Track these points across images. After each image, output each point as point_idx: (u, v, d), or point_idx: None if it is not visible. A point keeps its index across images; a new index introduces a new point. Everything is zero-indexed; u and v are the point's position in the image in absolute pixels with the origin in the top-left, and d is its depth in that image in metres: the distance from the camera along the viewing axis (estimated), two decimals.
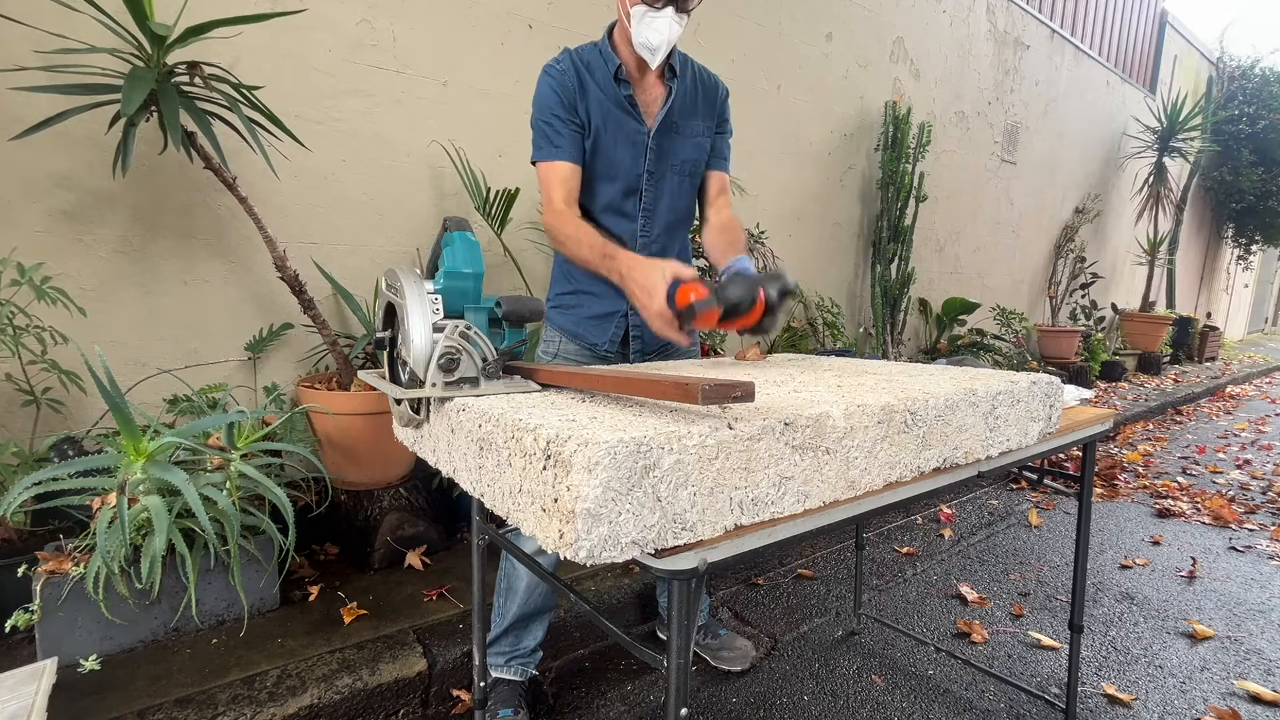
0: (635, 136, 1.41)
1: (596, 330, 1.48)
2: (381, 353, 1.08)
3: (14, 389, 1.71)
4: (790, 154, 3.75)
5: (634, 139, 1.41)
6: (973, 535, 2.78)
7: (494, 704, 1.50)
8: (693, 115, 1.46)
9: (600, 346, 1.48)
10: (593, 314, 1.48)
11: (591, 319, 1.48)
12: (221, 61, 1.87)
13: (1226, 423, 5.28)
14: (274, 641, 1.61)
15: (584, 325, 1.48)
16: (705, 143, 1.49)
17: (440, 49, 2.37)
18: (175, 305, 1.98)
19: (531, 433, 0.69)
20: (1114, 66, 6.72)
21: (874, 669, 1.79)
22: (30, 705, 1.11)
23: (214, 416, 1.66)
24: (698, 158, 1.49)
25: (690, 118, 1.46)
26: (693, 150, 1.47)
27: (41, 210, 1.76)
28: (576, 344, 1.50)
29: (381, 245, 2.33)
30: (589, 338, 1.48)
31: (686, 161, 1.47)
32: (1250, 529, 2.89)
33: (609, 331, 1.47)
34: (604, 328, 1.47)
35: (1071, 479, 1.45)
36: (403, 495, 2.12)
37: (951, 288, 5.11)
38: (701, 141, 1.48)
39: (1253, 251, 9.87)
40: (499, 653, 1.53)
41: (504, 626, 1.52)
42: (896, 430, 0.88)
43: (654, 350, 1.52)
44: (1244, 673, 1.81)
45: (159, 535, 1.40)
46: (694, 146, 1.47)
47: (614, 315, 1.47)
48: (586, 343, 1.49)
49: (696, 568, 0.69)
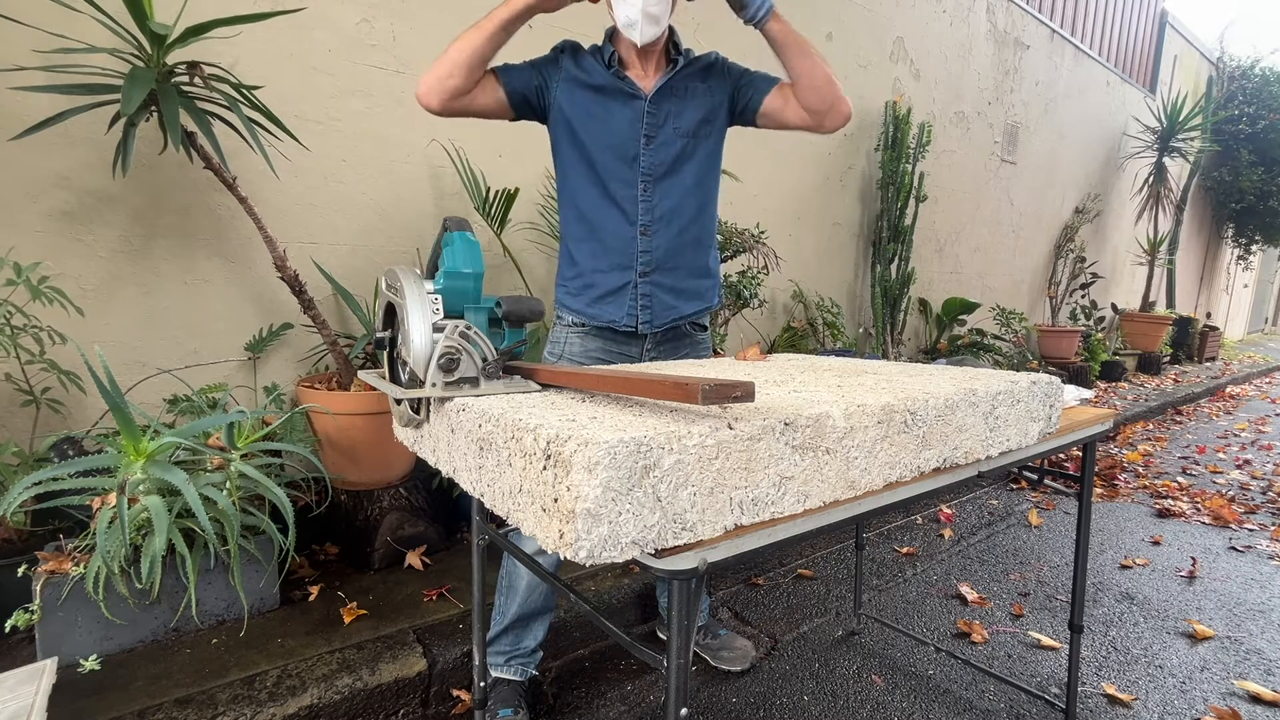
0: (629, 107, 1.41)
1: (611, 307, 1.47)
2: (381, 353, 1.08)
3: (14, 389, 1.71)
4: (790, 154, 3.74)
5: (627, 109, 1.41)
6: (973, 535, 2.78)
7: (494, 704, 1.49)
8: (693, 80, 1.45)
9: (619, 322, 1.47)
10: (604, 291, 1.47)
11: (603, 297, 1.47)
12: (221, 61, 1.87)
13: (1226, 423, 5.28)
14: (274, 641, 1.61)
15: (597, 305, 1.47)
16: (718, 99, 1.47)
17: (440, 49, 2.36)
18: (175, 305, 1.98)
19: (531, 433, 0.69)
20: (1114, 66, 6.72)
21: (874, 669, 1.79)
22: (30, 705, 1.11)
23: (214, 416, 1.66)
24: (704, 115, 1.45)
25: (691, 81, 1.45)
26: (697, 109, 1.44)
27: (41, 210, 1.76)
28: (588, 327, 1.49)
29: (381, 245, 2.33)
30: (605, 315, 1.47)
31: (692, 121, 1.44)
32: (1250, 529, 2.89)
33: (624, 306, 1.47)
34: (619, 302, 1.47)
35: (1071, 479, 1.45)
36: (403, 495, 2.12)
37: (951, 288, 5.11)
38: (709, 100, 1.46)
39: (1253, 251, 9.87)
40: (499, 652, 1.53)
41: (504, 625, 1.52)
42: (896, 430, 0.88)
43: (663, 325, 1.50)
44: (1244, 673, 1.81)
45: (159, 535, 1.40)
46: (699, 105, 1.44)
47: (625, 288, 1.46)
48: (602, 321, 1.47)
49: (696, 568, 0.69)
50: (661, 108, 1.42)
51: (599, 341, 1.50)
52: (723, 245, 2.88)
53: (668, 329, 1.51)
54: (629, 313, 1.46)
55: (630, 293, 1.46)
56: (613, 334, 1.50)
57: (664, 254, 1.46)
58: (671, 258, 1.47)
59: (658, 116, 1.42)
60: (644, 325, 1.47)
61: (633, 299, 1.46)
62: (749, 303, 3.07)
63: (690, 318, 1.53)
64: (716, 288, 1.59)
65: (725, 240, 2.86)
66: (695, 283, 1.52)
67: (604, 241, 1.45)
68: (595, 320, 1.48)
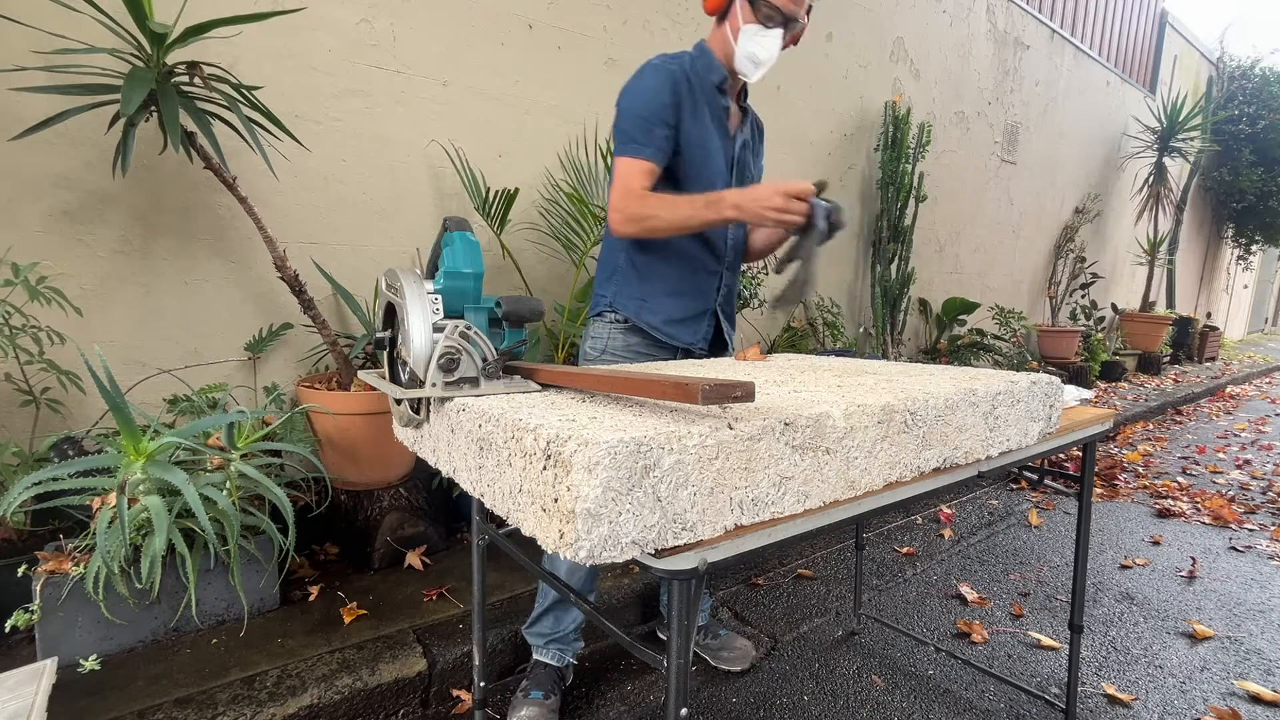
0: (724, 149, 1.47)
1: (688, 331, 1.51)
2: (381, 353, 1.08)
3: (13, 389, 1.71)
4: (790, 154, 3.74)
5: (723, 151, 1.47)
6: (973, 535, 2.78)
7: (528, 684, 1.53)
8: (753, 139, 1.58)
9: (695, 345, 1.53)
10: (684, 315, 1.50)
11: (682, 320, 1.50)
12: (221, 61, 1.87)
13: (1226, 423, 5.28)
14: (274, 641, 1.61)
15: (676, 326, 1.49)
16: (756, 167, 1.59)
17: (440, 49, 2.37)
18: (175, 305, 1.98)
19: (531, 433, 0.69)
20: (1114, 66, 6.72)
21: (874, 669, 1.79)
22: (30, 705, 1.11)
23: (214, 416, 1.66)
24: (757, 179, 1.59)
25: (754, 140, 1.58)
26: (755, 172, 1.59)
27: (41, 210, 1.76)
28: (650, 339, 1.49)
29: (381, 245, 2.33)
30: (682, 337, 1.50)
31: (750, 179, 1.56)
32: (1250, 529, 2.89)
33: (701, 330, 1.53)
34: (697, 328, 1.52)
35: (1071, 479, 1.45)
36: (403, 495, 2.12)
37: (951, 288, 5.11)
38: (756, 149, 1.59)
39: (1253, 251, 9.87)
40: (539, 634, 1.57)
41: (544, 606, 1.55)
42: (896, 430, 0.88)
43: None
44: (1244, 673, 1.81)
45: (159, 535, 1.40)
46: (756, 168, 1.59)
47: (704, 315, 1.53)
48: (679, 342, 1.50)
49: (696, 568, 0.69)
50: (740, 160, 1.51)
51: (638, 337, 1.52)
52: None
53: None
54: (704, 337, 1.54)
55: (708, 319, 1.54)
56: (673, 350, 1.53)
57: (730, 287, 1.59)
58: (732, 289, 1.61)
59: (742, 160, 1.52)
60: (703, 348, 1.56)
61: (709, 325, 1.54)
62: (749, 303, 3.07)
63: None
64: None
65: None
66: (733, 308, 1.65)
67: (692, 270, 1.49)
68: (671, 339, 1.50)
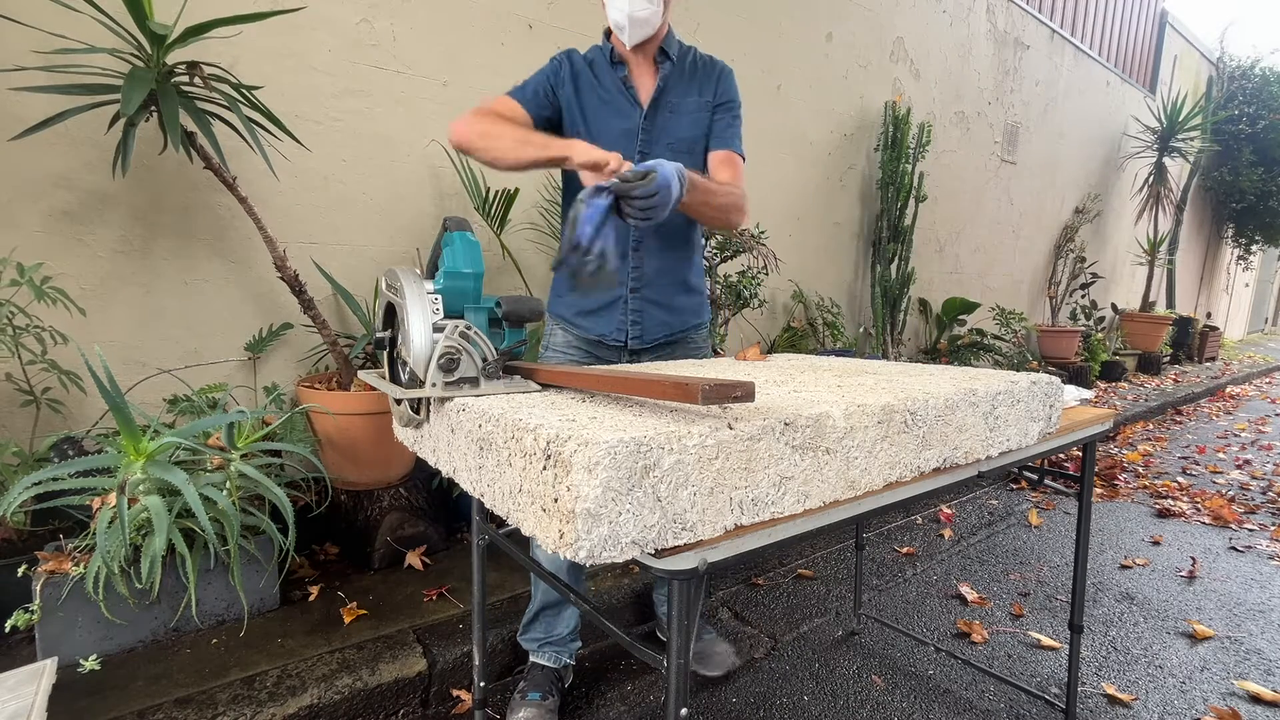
0: (628, 117, 1.42)
1: (601, 321, 1.47)
2: (381, 353, 1.08)
3: (14, 389, 1.71)
4: (790, 154, 3.75)
5: (627, 119, 1.42)
6: (973, 535, 2.78)
7: (526, 686, 1.53)
8: (688, 93, 1.45)
9: (609, 336, 1.47)
10: (594, 305, 1.47)
11: (593, 311, 1.47)
12: (221, 61, 1.86)
13: (1226, 423, 5.28)
14: (274, 641, 1.61)
15: (587, 318, 1.48)
16: (704, 118, 1.47)
17: (440, 49, 2.37)
18: (175, 305, 1.98)
19: (531, 433, 0.69)
20: (1114, 66, 6.72)
21: (874, 669, 1.79)
22: (30, 705, 1.11)
23: (214, 416, 1.66)
24: (695, 134, 1.46)
25: (685, 95, 1.45)
26: (689, 127, 1.45)
27: (41, 210, 1.76)
28: (574, 334, 1.49)
29: (381, 245, 2.33)
30: (595, 329, 1.47)
31: (683, 139, 1.45)
32: (1250, 529, 2.89)
33: (614, 321, 1.47)
34: (609, 317, 1.47)
35: (1071, 479, 1.45)
36: (403, 495, 2.12)
37: (951, 288, 5.11)
38: (700, 117, 1.46)
39: (1253, 251, 9.87)
40: (533, 638, 1.57)
41: (534, 612, 1.55)
42: (896, 430, 0.88)
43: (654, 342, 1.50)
44: (1244, 673, 1.81)
45: (159, 535, 1.40)
46: (691, 123, 1.45)
47: (615, 304, 1.46)
48: (592, 334, 1.48)
49: (696, 568, 0.69)
50: (656, 122, 1.43)
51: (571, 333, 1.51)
52: (722, 245, 2.88)
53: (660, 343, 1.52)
54: (619, 328, 1.47)
55: (620, 308, 1.46)
56: (599, 344, 1.50)
57: (655, 271, 1.47)
58: (662, 275, 1.48)
59: (652, 132, 1.43)
60: (634, 340, 1.48)
61: (623, 314, 1.47)
62: (749, 303, 3.07)
63: (681, 332, 1.54)
64: (706, 304, 1.61)
65: (725, 240, 2.86)
66: (685, 299, 1.53)
67: None
68: (585, 332, 1.48)
